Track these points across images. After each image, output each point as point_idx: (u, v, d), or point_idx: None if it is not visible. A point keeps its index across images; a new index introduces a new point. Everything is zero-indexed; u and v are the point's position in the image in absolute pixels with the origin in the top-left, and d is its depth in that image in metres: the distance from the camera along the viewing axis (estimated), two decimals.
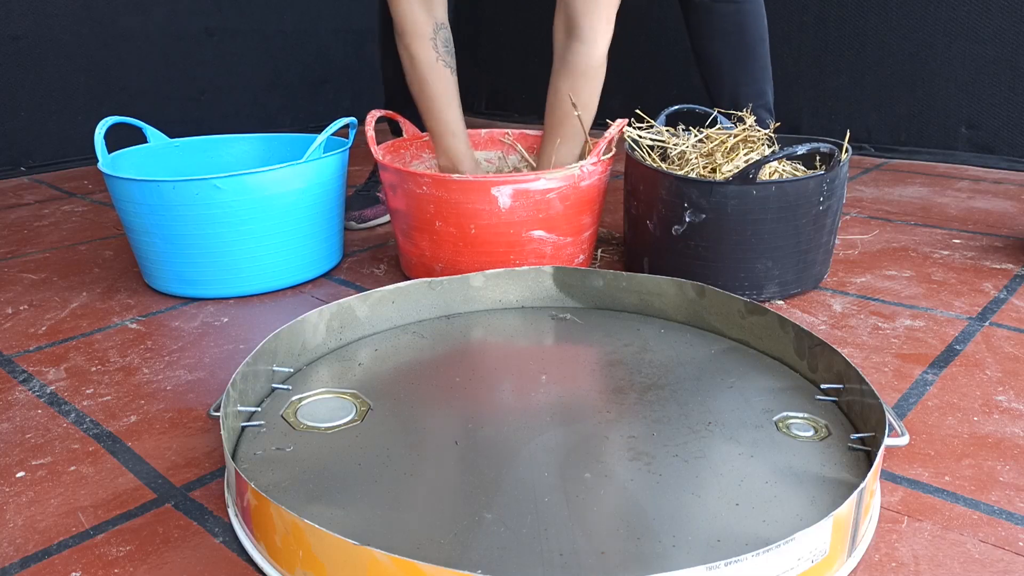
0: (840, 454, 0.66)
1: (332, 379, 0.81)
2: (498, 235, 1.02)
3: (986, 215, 1.40)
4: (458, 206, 1.00)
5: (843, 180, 1.01)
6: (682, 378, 0.80)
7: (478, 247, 1.03)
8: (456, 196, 1.00)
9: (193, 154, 1.27)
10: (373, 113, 1.16)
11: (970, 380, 0.81)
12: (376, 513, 0.59)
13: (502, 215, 1.00)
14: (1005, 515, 0.61)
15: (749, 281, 1.00)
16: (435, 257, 1.06)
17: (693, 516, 0.58)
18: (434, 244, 1.05)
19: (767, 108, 1.47)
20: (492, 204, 1.00)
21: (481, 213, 1.00)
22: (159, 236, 1.03)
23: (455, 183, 0.99)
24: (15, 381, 0.86)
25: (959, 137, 1.82)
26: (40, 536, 0.60)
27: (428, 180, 1.00)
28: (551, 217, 1.03)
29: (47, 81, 1.91)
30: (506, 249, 1.03)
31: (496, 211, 1.00)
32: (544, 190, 1.00)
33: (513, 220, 1.01)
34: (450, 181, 0.99)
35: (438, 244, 1.05)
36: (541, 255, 1.05)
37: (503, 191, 0.99)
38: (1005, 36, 1.71)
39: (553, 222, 1.03)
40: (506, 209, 1.00)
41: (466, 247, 1.03)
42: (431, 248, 1.06)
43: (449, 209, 1.01)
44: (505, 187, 0.99)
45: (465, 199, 1.00)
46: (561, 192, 1.01)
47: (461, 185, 0.99)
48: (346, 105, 2.53)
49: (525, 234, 1.03)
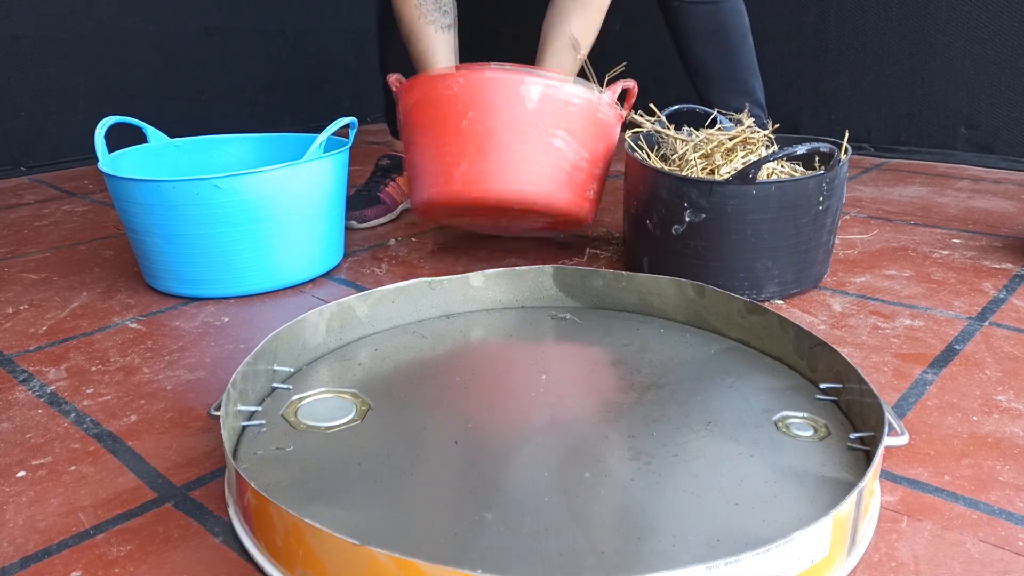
0: (840, 454, 0.66)
1: (332, 379, 0.81)
2: (526, 136, 1.05)
3: (986, 215, 1.40)
4: (489, 103, 1.04)
5: (843, 180, 1.01)
6: (682, 378, 0.80)
7: (506, 147, 1.05)
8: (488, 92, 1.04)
9: (193, 154, 1.27)
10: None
11: (970, 380, 0.81)
12: (376, 513, 0.60)
13: (530, 116, 1.04)
14: (1005, 515, 0.61)
15: (749, 281, 1.00)
16: (461, 154, 1.06)
17: (693, 516, 0.58)
18: (460, 141, 1.06)
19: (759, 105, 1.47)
20: (521, 103, 1.04)
21: (512, 107, 1.04)
22: (159, 236, 1.03)
23: (488, 79, 1.04)
24: (15, 381, 0.86)
25: (959, 137, 1.82)
26: (40, 536, 0.60)
27: (461, 77, 1.04)
28: (573, 129, 1.07)
29: (47, 81, 1.91)
30: (531, 151, 1.05)
31: (524, 110, 1.04)
32: (567, 98, 1.05)
33: (542, 122, 1.05)
34: (483, 78, 1.04)
35: (464, 142, 1.06)
36: (560, 166, 1.07)
37: (533, 88, 1.04)
38: (1005, 36, 1.71)
39: (574, 132, 1.07)
40: (533, 108, 1.04)
41: (492, 144, 1.05)
42: (457, 145, 1.07)
43: (480, 105, 1.04)
44: (535, 85, 1.04)
45: (497, 95, 1.04)
46: (583, 112, 1.06)
47: (493, 80, 1.04)
48: (346, 105, 2.53)
49: (549, 139, 1.06)
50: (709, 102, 1.44)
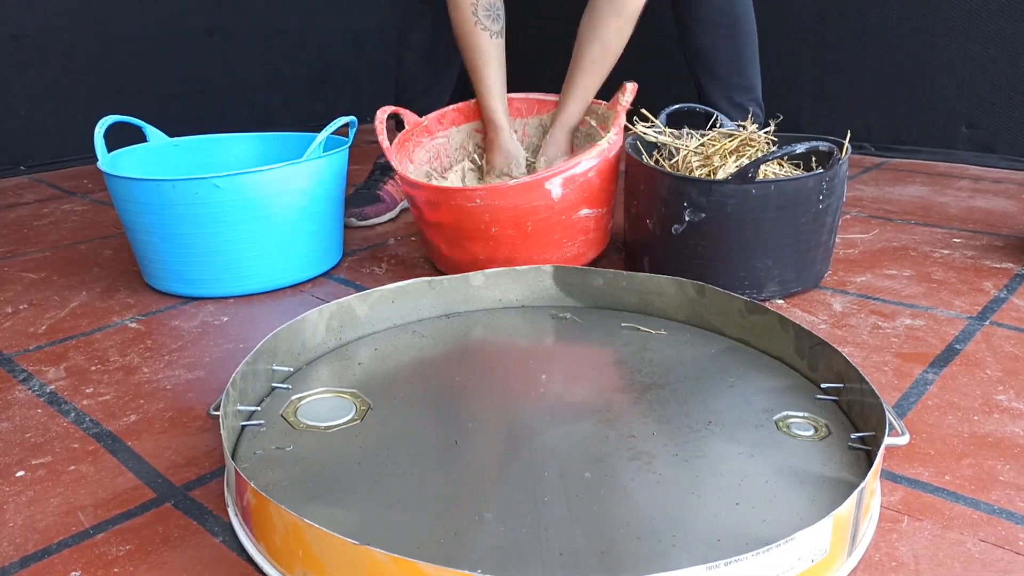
0: (840, 453, 0.66)
1: (332, 378, 0.81)
2: (553, 225, 1.05)
3: (986, 214, 1.40)
4: (516, 208, 1.02)
5: (843, 179, 1.01)
6: (682, 377, 0.80)
7: (534, 241, 1.06)
8: (512, 200, 1.02)
9: (193, 153, 1.27)
10: (384, 110, 1.17)
11: (970, 379, 0.81)
12: (376, 513, 0.59)
13: (555, 205, 1.04)
14: (1005, 514, 0.61)
15: (749, 280, 1.00)
16: (491, 260, 1.07)
17: (693, 515, 0.58)
18: (490, 248, 1.06)
19: (758, 103, 1.46)
20: (546, 197, 1.02)
21: (538, 209, 1.03)
22: (159, 235, 1.03)
23: (509, 189, 1.01)
24: (15, 380, 0.86)
25: (959, 136, 1.82)
26: (40, 535, 0.60)
27: (482, 192, 1.02)
28: (592, 194, 1.07)
29: (47, 80, 1.91)
30: (560, 235, 1.07)
31: (551, 203, 1.03)
32: (586, 170, 1.04)
33: (564, 206, 1.05)
34: (503, 189, 1.01)
35: (494, 248, 1.06)
36: (587, 231, 1.10)
37: (554, 182, 1.02)
38: (1005, 36, 1.71)
39: (593, 197, 1.07)
40: (559, 198, 1.03)
41: (523, 243, 1.06)
42: (486, 252, 1.07)
43: (505, 214, 1.03)
44: (555, 178, 1.02)
45: (523, 200, 1.02)
46: (598, 168, 1.06)
47: (516, 189, 1.01)
48: (346, 104, 2.53)
49: (574, 216, 1.06)
50: (710, 98, 1.43)
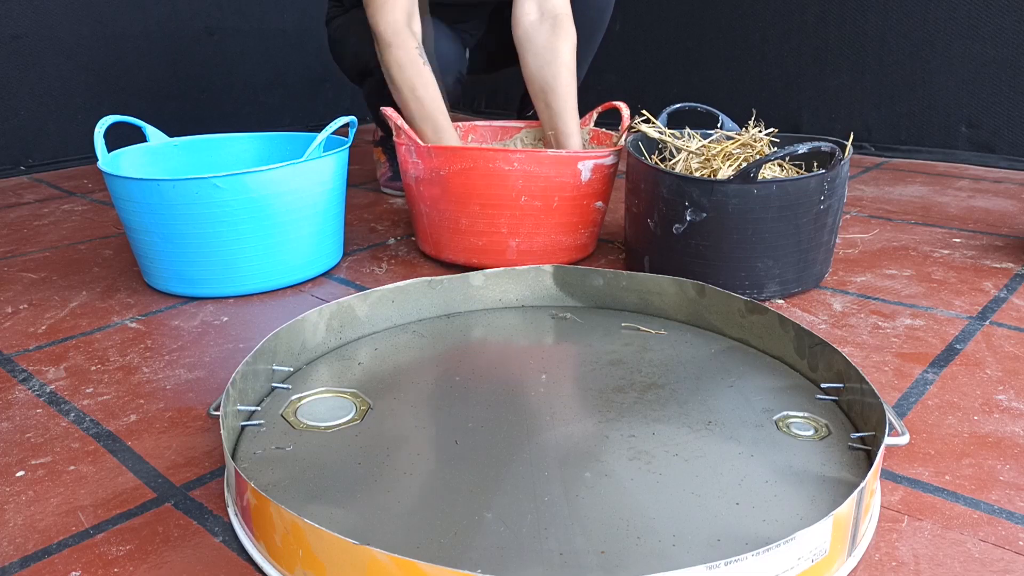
0: (840, 453, 0.66)
1: (332, 378, 0.81)
2: (576, 207, 1.12)
3: (986, 214, 1.40)
4: (548, 179, 1.08)
5: (844, 179, 1.01)
6: (682, 377, 0.80)
7: (557, 218, 1.11)
8: (547, 170, 1.07)
9: (193, 153, 1.27)
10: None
11: (970, 379, 0.81)
12: (376, 513, 0.59)
13: (582, 187, 1.10)
14: (1005, 514, 0.61)
15: (750, 280, 1.00)
16: (512, 232, 1.12)
17: (693, 515, 0.58)
18: (514, 220, 1.11)
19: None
20: (576, 177, 1.09)
21: (566, 186, 1.09)
22: (159, 235, 1.03)
23: (548, 158, 1.07)
24: (15, 380, 0.86)
25: (959, 136, 1.82)
26: (40, 535, 0.60)
27: (520, 155, 1.06)
28: (604, 188, 1.14)
29: (47, 80, 1.91)
30: (578, 219, 1.13)
31: (579, 183, 1.10)
32: (612, 164, 1.13)
33: (589, 192, 1.12)
34: (543, 156, 1.06)
35: (519, 220, 1.11)
36: (596, 223, 1.17)
37: (586, 164, 1.09)
38: (1005, 35, 1.71)
39: (605, 193, 1.15)
40: (585, 182, 1.10)
41: (547, 218, 1.11)
42: (509, 224, 1.11)
43: (538, 183, 1.08)
44: (587, 161, 1.09)
45: (556, 172, 1.08)
46: (612, 166, 1.14)
47: (553, 160, 1.07)
48: (346, 104, 2.53)
49: (592, 205, 1.14)
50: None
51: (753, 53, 2.06)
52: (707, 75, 2.16)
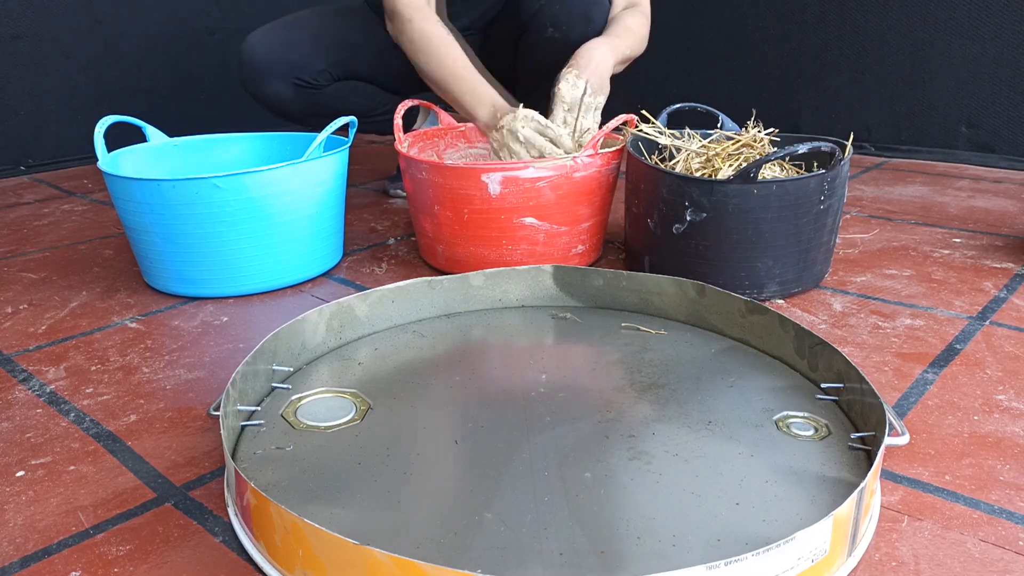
0: (840, 453, 0.66)
1: (332, 378, 0.81)
2: (489, 220, 1.06)
3: (986, 214, 1.40)
4: (453, 191, 1.05)
5: (844, 179, 1.01)
6: (682, 377, 0.80)
7: (472, 231, 1.07)
8: (451, 181, 1.04)
9: (193, 153, 1.27)
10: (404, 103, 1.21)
11: (970, 379, 0.81)
12: (376, 513, 0.59)
13: (492, 201, 1.04)
14: (1005, 514, 0.61)
15: (750, 280, 1.00)
16: (437, 239, 1.11)
17: (693, 515, 0.58)
18: (435, 227, 1.11)
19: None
20: (483, 190, 1.04)
21: (473, 199, 1.04)
22: (159, 235, 1.03)
23: (449, 169, 1.04)
24: (15, 380, 0.86)
25: (959, 136, 1.82)
26: (40, 535, 0.60)
27: (427, 166, 1.05)
28: (542, 205, 1.05)
29: (47, 80, 1.91)
30: (498, 234, 1.07)
31: (487, 197, 1.04)
32: (534, 179, 1.03)
33: (503, 207, 1.05)
34: (444, 167, 1.04)
35: (438, 227, 1.10)
36: (534, 242, 1.08)
37: (493, 178, 1.03)
38: (1005, 35, 1.71)
39: (545, 210, 1.06)
40: (496, 196, 1.04)
41: (461, 230, 1.08)
42: (433, 230, 1.11)
43: (446, 194, 1.06)
44: (495, 174, 1.03)
45: (459, 184, 1.04)
46: (552, 182, 1.04)
47: (454, 171, 1.04)
48: None
49: (516, 220, 1.06)
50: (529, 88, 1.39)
51: (753, 53, 2.06)
52: (707, 75, 2.16)
